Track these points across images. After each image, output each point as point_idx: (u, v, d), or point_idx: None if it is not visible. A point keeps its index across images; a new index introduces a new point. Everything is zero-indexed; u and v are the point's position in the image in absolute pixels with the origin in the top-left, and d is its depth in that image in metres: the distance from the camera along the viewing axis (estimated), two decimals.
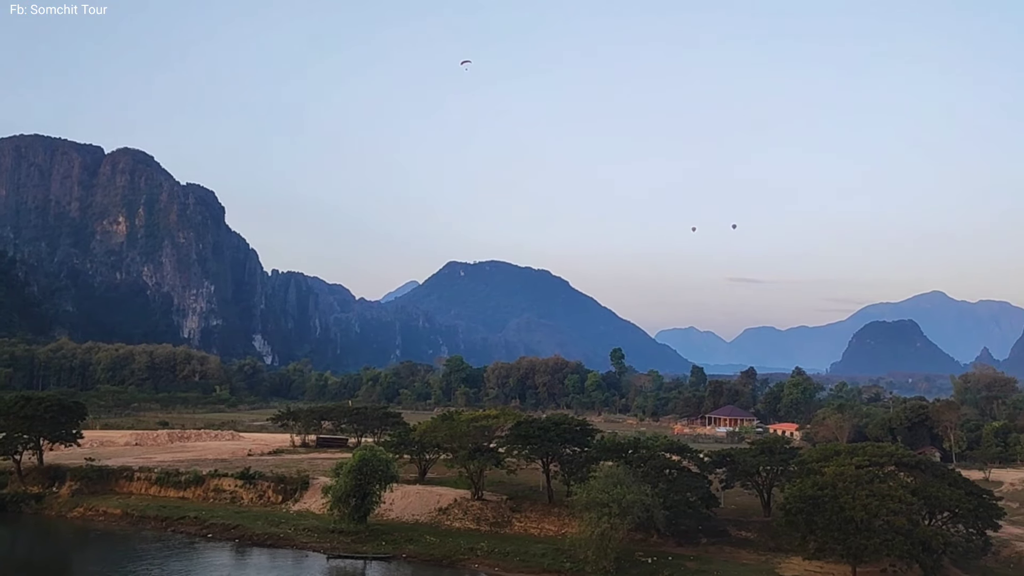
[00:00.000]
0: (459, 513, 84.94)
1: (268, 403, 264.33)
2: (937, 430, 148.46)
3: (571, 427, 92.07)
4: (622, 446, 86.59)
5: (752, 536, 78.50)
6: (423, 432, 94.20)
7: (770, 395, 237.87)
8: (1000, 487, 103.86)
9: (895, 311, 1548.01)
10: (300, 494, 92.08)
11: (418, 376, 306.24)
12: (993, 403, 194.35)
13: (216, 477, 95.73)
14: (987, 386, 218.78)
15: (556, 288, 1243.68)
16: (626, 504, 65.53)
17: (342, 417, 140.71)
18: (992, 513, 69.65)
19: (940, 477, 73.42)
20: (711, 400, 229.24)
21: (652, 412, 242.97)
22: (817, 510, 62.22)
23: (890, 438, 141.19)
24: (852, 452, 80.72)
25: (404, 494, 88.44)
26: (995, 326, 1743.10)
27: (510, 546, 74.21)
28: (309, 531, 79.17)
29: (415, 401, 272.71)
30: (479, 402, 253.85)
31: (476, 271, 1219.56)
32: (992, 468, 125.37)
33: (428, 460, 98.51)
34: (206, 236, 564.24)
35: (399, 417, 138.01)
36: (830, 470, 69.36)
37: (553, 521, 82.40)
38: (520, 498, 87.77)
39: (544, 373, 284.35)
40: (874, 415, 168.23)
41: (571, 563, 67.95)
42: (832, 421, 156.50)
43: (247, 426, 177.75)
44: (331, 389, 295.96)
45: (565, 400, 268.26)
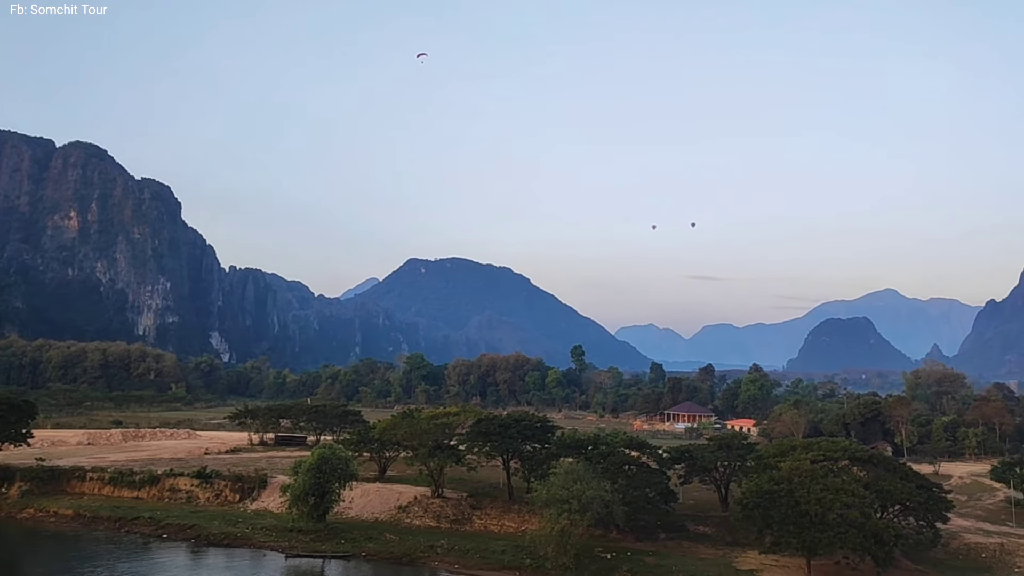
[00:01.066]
0: (419, 511, 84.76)
1: (225, 401, 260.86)
2: (889, 425, 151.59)
3: (531, 424, 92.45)
4: (582, 442, 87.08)
5: (710, 531, 79.43)
6: (383, 430, 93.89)
7: (728, 391, 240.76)
8: (949, 480, 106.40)
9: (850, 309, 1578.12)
10: (258, 493, 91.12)
11: (378, 374, 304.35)
12: (943, 398, 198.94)
13: (172, 476, 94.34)
14: (937, 382, 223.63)
15: (517, 286, 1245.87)
16: (586, 500, 65.88)
17: (301, 415, 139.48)
18: (942, 506, 71.41)
19: (892, 471, 74.96)
20: (670, 396, 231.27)
21: (612, 408, 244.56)
22: (773, 504, 63.15)
23: (844, 433, 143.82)
24: (807, 447, 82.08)
25: (364, 492, 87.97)
26: (945, 323, 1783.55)
27: (470, 543, 74.19)
28: (267, 530, 78.32)
29: (375, 399, 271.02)
30: (440, 400, 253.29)
31: (437, 268, 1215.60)
32: (942, 462, 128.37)
33: (388, 458, 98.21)
34: (162, 232, 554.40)
35: (359, 415, 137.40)
36: (786, 465, 70.44)
37: (513, 518, 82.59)
38: (480, 495, 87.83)
39: (505, 370, 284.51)
40: (829, 411, 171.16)
41: (531, 560, 68.11)
42: (788, 417, 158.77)
43: (204, 425, 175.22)
44: (290, 387, 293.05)
45: (526, 397, 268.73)
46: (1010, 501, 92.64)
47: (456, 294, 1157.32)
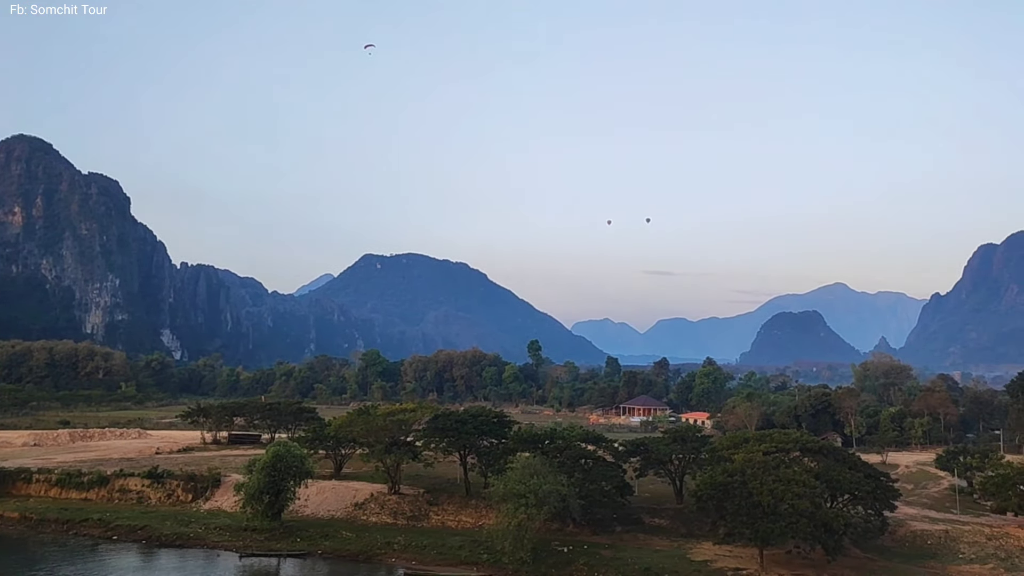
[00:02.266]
0: (376, 508, 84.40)
1: (177, 400, 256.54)
2: (839, 416, 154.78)
3: (488, 419, 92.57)
4: (539, 437, 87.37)
5: (665, 523, 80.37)
6: (339, 427, 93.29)
7: (682, 385, 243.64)
8: (896, 470, 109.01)
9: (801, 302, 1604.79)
10: (211, 492, 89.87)
11: (333, 370, 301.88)
12: (890, 390, 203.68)
13: (121, 477, 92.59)
14: (885, 373, 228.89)
15: (474, 281, 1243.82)
16: (543, 494, 66.17)
17: (255, 413, 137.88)
18: (889, 495, 73.18)
19: (841, 461, 76.56)
20: (625, 390, 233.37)
21: (568, 403, 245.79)
22: (727, 496, 64.06)
23: (796, 425, 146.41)
24: (760, 439, 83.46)
25: (319, 490, 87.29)
26: (892, 316, 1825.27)
27: (427, 539, 74.06)
28: (221, 530, 77.29)
29: (330, 396, 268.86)
30: (396, 396, 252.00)
31: (393, 264, 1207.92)
32: (889, 451, 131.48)
33: (344, 455, 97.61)
34: (110, 228, 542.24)
35: (314, 412, 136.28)
36: (739, 457, 71.55)
37: (470, 513, 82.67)
38: (437, 491, 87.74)
39: (462, 366, 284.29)
40: (781, 403, 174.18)
41: (488, 554, 68.21)
42: (741, 409, 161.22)
43: (155, 424, 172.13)
44: (243, 385, 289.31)
45: (483, 392, 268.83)
46: (954, 489, 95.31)
47: (412, 290, 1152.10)
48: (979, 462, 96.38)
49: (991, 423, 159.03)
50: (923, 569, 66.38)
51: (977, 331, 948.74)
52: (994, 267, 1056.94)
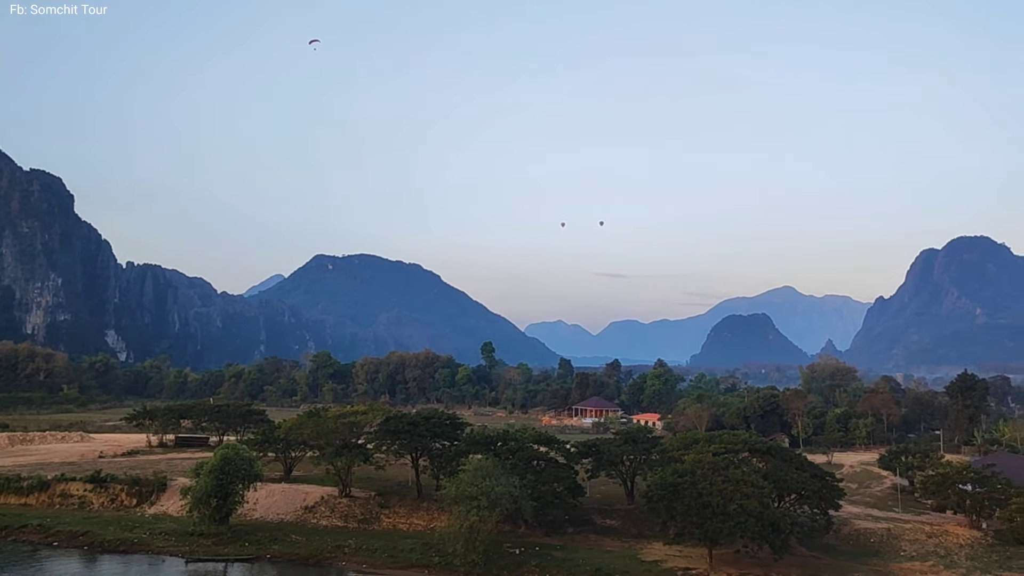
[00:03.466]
0: (326, 511, 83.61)
1: (122, 402, 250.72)
2: (787, 417, 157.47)
3: (441, 421, 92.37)
4: (491, 439, 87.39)
5: (616, 524, 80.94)
6: (289, 429, 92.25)
7: (634, 386, 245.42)
8: (841, 469, 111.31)
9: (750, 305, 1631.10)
10: (157, 496, 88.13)
11: (284, 372, 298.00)
12: (836, 391, 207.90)
13: (63, 481, 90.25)
14: (831, 375, 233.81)
15: (427, 282, 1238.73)
16: (495, 496, 66.18)
17: (203, 415, 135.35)
18: (834, 494, 74.72)
19: (788, 461, 77.94)
20: (578, 392, 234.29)
21: (521, 404, 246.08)
22: (677, 497, 64.75)
23: (745, 426, 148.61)
24: (710, 440, 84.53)
25: (269, 493, 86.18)
26: (838, 319, 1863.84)
27: (378, 542, 73.58)
28: (166, 535, 75.82)
29: (280, 398, 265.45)
30: (347, 398, 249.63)
31: (345, 264, 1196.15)
32: (835, 452, 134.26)
33: (294, 458, 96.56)
34: (53, 225, 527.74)
35: (263, 414, 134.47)
36: (689, 458, 72.36)
37: (422, 516, 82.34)
38: (389, 494, 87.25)
39: (415, 368, 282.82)
40: (730, 404, 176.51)
41: (440, 557, 68.01)
42: (692, 411, 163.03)
43: (98, 427, 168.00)
44: (191, 387, 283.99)
45: (436, 394, 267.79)
46: (896, 488, 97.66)
47: (364, 291, 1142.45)
48: (920, 462, 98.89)
49: (931, 423, 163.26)
50: (866, 566, 67.84)
51: (919, 334, 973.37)
52: (935, 271, 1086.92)
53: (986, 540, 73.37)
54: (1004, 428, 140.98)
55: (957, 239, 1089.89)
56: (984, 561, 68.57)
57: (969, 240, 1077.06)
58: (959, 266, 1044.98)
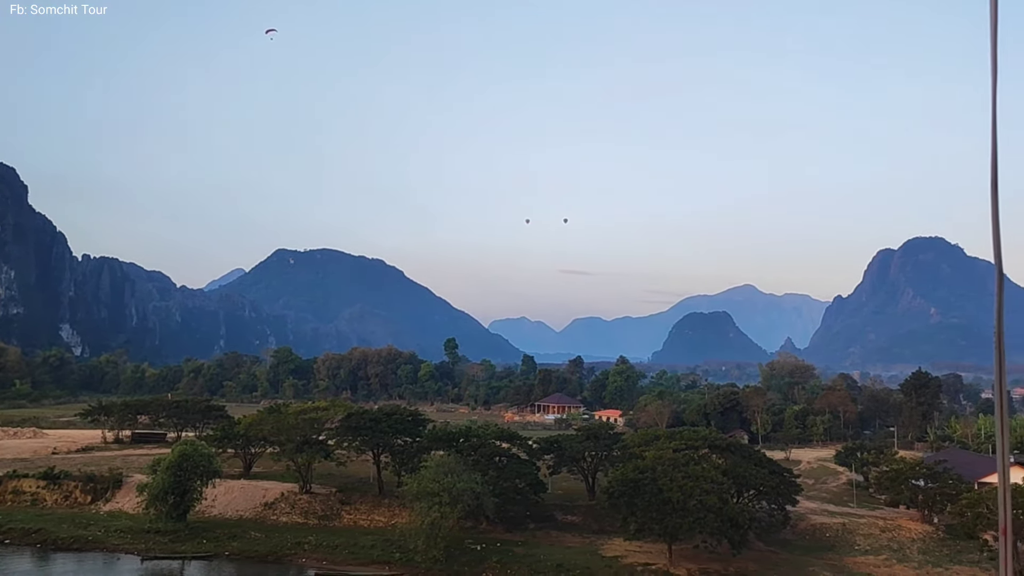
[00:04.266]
0: (286, 507, 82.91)
1: (77, 398, 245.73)
2: (746, 414, 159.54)
3: (403, 418, 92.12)
4: (453, 435, 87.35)
5: (577, 520, 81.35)
6: (249, 425, 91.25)
7: (596, 383, 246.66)
8: (799, 465, 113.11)
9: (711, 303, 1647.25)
10: (112, 493, 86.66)
11: (244, 368, 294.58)
12: (794, 388, 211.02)
13: (14, 478, 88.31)
14: (790, 373, 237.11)
15: (390, 278, 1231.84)
16: (456, 492, 66.17)
17: (161, 411, 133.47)
18: (792, 490, 75.93)
19: (747, 458, 79.02)
20: (540, 388, 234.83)
21: (484, 401, 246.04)
22: (638, 493, 65.27)
23: (705, 422, 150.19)
24: (670, 436, 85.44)
25: (228, 489, 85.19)
26: (797, 317, 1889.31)
27: (339, 539, 73.16)
28: (122, 532, 74.57)
29: (240, 394, 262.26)
30: (309, 394, 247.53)
31: (307, 259, 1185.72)
32: (793, 448, 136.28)
33: (254, 454, 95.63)
34: (5, 217, 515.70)
35: (223, 410, 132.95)
36: (650, 454, 72.98)
37: (383, 512, 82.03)
38: (350, 490, 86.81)
39: (377, 364, 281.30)
40: (691, 401, 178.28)
41: (401, 553, 67.83)
42: (653, 407, 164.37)
43: (52, 423, 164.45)
44: (149, 382, 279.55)
45: (398, 391, 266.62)
46: (851, 484, 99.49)
47: (326, 286, 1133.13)
48: (875, 458, 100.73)
49: (886, 420, 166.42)
50: (822, 561, 69.01)
51: (875, 332, 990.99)
52: (891, 271, 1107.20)
53: (937, 534, 75.06)
54: (956, 425, 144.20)
55: (913, 240, 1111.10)
56: (935, 555, 70.14)
57: (924, 241, 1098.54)
58: (914, 266, 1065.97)
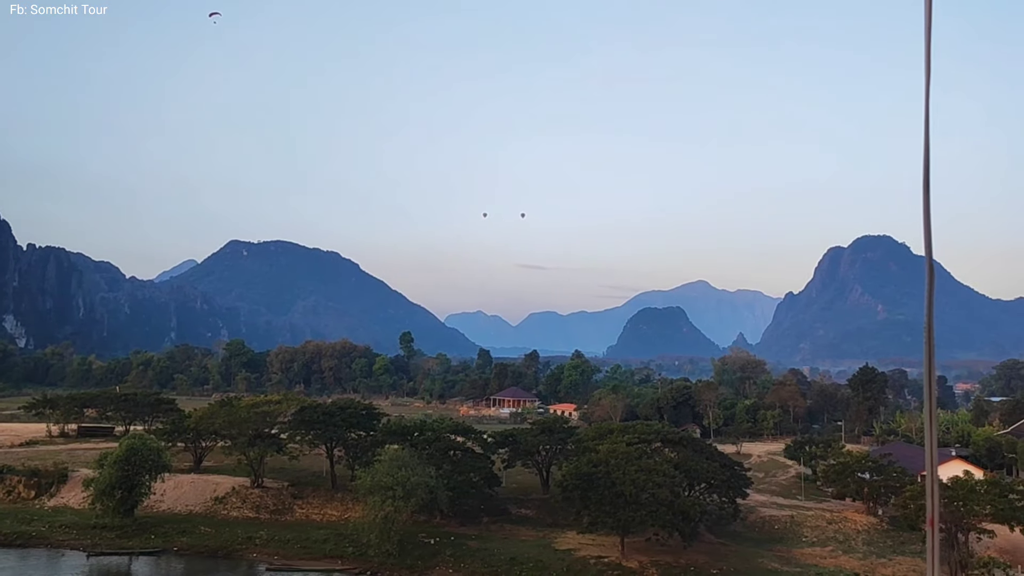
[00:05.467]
0: (237, 502, 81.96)
1: (21, 391, 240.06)
2: (699, 408, 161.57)
3: (357, 411, 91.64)
4: (408, 429, 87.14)
5: (531, 513, 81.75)
6: (199, 419, 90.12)
7: (551, 377, 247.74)
8: (749, 459, 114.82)
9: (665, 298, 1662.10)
10: (57, 488, 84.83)
11: (195, 360, 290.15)
12: (746, 383, 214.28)
13: None
14: (741, 368, 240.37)
15: (346, 271, 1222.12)
16: (410, 487, 66.02)
17: (108, 404, 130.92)
18: (742, 483, 77.22)
19: (699, 452, 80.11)
20: (496, 382, 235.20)
21: (440, 395, 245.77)
22: (591, 486, 65.77)
23: (658, 416, 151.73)
24: (624, 430, 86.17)
25: (177, 484, 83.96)
26: (749, 313, 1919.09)
27: (290, 534, 72.56)
28: (67, 528, 73.15)
29: (191, 387, 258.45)
30: (261, 387, 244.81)
31: (260, 251, 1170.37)
32: (743, 442, 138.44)
33: (204, 448, 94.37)
34: None
35: (173, 403, 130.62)
36: (604, 448, 73.57)
37: (336, 506, 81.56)
38: (303, 484, 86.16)
39: (331, 357, 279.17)
40: (645, 395, 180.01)
41: (354, 548, 67.52)
42: (607, 401, 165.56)
43: None
44: (96, 374, 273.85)
45: (352, 384, 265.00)
46: (800, 477, 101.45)
47: (280, 278, 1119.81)
48: (822, 451, 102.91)
49: (835, 415, 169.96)
50: (770, 553, 70.28)
51: (825, 328, 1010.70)
52: (841, 268, 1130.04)
53: (881, 526, 76.98)
54: (901, 419, 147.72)
55: (862, 238, 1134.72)
56: (879, 546, 71.93)
57: (873, 239, 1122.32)
58: (863, 264, 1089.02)
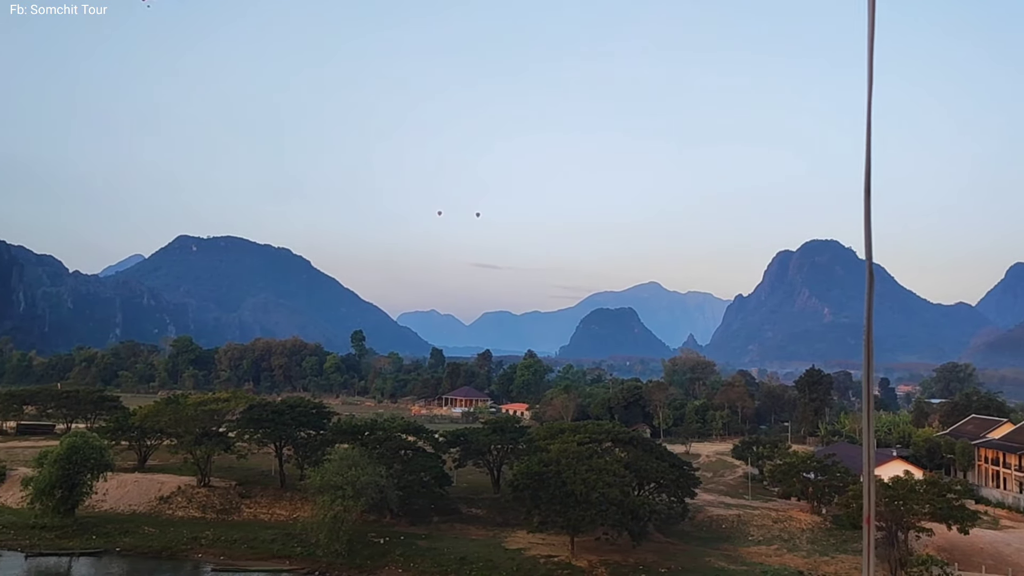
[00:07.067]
0: (183, 501, 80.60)
1: None
2: (649, 408, 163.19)
3: (307, 410, 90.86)
4: (358, 428, 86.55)
5: (482, 513, 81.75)
6: (144, 416, 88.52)
7: (504, 376, 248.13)
8: (698, 459, 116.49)
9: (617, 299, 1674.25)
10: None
11: (141, 357, 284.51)
12: (696, 384, 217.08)
13: None
14: (691, 369, 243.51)
15: (297, 267, 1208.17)
16: (360, 486, 65.62)
17: (49, 401, 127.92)
18: (691, 483, 78.21)
19: (649, 451, 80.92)
20: (449, 381, 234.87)
21: (391, 394, 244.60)
22: (542, 486, 66.01)
23: (609, 416, 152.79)
24: (575, 430, 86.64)
25: (120, 483, 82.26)
26: (700, 315, 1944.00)
27: (237, 533, 71.57)
28: (5, 528, 71.36)
29: (137, 384, 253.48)
30: (210, 385, 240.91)
31: (210, 246, 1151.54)
32: (693, 442, 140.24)
33: (150, 446, 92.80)
34: None
35: (117, 401, 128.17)
36: (555, 447, 73.92)
37: (285, 506, 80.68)
38: (251, 483, 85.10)
39: (281, 355, 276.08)
40: (596, 395, 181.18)
41: (302, 547, 66.86)
42: (559, 401, 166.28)
43: None
44: (36, 371, 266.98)
45: (303, 383, 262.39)
46: (747, 476, 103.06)
47: (230, 274, 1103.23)
48: (769, 451, 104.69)
49: (782, 415, 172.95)
50: (718, 551, 71.31)
51: (773, 330, 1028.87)
52: (790, 272, 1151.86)
53: (825, 524, 78.59)
54: (845, 420, 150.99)
55: (810, 242, 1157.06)
56: (823, 544, 73.46)
57: (820, 243, 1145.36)
58: (811, 267, 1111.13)
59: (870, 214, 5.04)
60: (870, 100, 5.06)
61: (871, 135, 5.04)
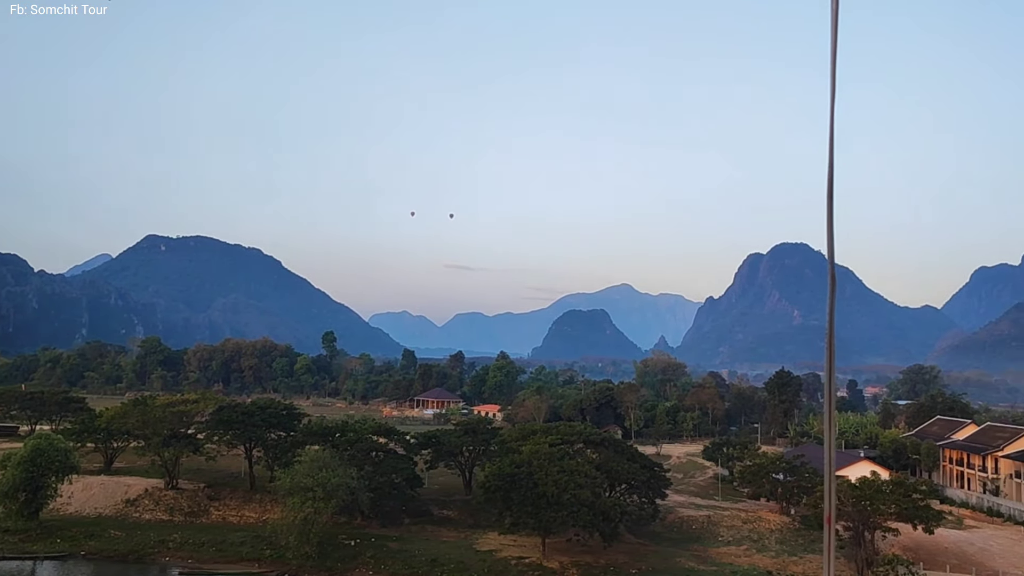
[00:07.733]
0: (150, 504, 79.63)
1: None
2: (620, 410, 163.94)
3: (277, 411, 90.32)
4: (329, 430, 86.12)
5: (453, 514, 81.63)
6: (111, 418, 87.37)
7: (476, 378, 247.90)
8: (669, 460, 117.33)
9: (590, 301, 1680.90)
10: None
11: (108, 358, 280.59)
12: (667, 385, 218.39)
13: None
14: (663, 370, 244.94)
15: (268, 268, 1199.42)
16: (331, 488, 65.24)
17: (12, 402, 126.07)
18: (661, 484, 78.68)
19: (620, 453, 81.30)
20: (420, 383, 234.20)
21: (362, 395, 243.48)
22: (514, 487, 66.03)
23: (581, 417, 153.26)
24: (547, 431, 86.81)
25: (86, 486, 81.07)
26: (671, 317, 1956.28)
27: (206, 536, 70.82)
28: None
29: (104, 385, 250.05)
30: (178, 386, 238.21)
31: (179, 246, 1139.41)
32: (664, 443, 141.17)
33: (116, 449, 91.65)
34: None
35: (83, 402, 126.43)
36: (527, 449, 73.96)
37: (254, 508, 79.99)
38: (220, 485, 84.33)
39: (251, 356, 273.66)
40: (568, 396, 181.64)
41: (272, 550, 66.30)
42: (531, 402, 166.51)
43: None
44: (0, 372, 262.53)
45: (273, 384, 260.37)
46: (717, 477, 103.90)
47: (199, 275, 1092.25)
48: (739, 453, 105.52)
49: (752, 417, 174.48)
50: (688, 552, 71.76)
51: (743, 332, 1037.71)
52: (760, 275, 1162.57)
53: (794, 525, 79.40)
54: (813, 421, 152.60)
55: (780, 245, 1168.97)
56: (791, 544, 74.20)
57: (790, 246, 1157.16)
58: (781, 270, 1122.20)
59: (833, 218, 5.12)
60: (833, 104, 5.14)
61: (834, 139, 5.12)
